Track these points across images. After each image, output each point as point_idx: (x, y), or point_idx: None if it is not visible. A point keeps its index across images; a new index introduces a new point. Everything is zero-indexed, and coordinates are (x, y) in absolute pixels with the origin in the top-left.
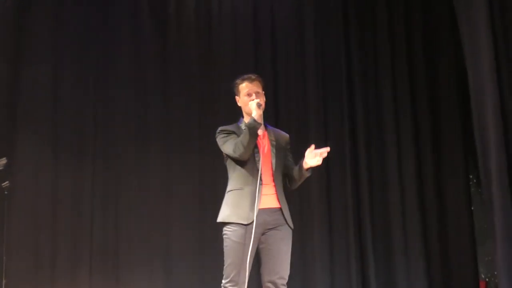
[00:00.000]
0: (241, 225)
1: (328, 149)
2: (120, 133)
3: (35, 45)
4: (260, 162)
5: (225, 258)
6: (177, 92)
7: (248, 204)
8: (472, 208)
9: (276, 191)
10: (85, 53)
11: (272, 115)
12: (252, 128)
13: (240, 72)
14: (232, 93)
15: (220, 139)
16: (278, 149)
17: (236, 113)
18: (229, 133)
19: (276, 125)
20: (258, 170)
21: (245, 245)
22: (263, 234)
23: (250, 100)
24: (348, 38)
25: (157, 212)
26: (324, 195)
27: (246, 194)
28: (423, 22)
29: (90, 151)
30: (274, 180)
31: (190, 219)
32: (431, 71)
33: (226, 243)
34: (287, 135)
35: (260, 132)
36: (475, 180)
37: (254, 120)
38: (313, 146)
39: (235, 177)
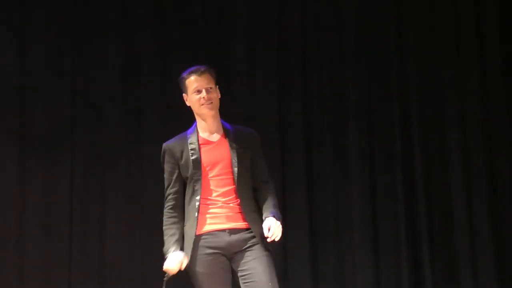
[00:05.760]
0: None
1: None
2: (104, 126)
3: None
4: (201, 176)
5: None
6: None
7: (188, 228)
8: None
9: (240, 209)
10: (62, 27)
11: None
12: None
13: (259, 77)
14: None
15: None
16: (241, 154)
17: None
18: (168, 165)
19: (309, 136)
20: (199, 186)
21: (206, 274)
22: (230, 260)
23: (200, 97)
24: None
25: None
26: (368, 195)
27: (188, 217)
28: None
29: (67, 149)
30: (238, 196)
31: None
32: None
33: (189, 275)
34: (254, 133)
35: (215, 138)
36: None
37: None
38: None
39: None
